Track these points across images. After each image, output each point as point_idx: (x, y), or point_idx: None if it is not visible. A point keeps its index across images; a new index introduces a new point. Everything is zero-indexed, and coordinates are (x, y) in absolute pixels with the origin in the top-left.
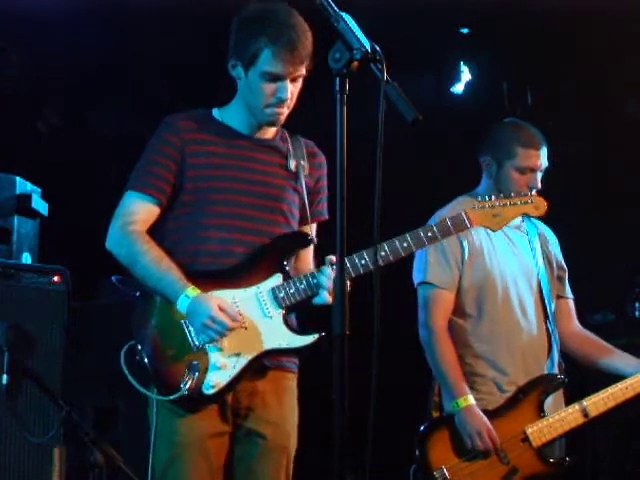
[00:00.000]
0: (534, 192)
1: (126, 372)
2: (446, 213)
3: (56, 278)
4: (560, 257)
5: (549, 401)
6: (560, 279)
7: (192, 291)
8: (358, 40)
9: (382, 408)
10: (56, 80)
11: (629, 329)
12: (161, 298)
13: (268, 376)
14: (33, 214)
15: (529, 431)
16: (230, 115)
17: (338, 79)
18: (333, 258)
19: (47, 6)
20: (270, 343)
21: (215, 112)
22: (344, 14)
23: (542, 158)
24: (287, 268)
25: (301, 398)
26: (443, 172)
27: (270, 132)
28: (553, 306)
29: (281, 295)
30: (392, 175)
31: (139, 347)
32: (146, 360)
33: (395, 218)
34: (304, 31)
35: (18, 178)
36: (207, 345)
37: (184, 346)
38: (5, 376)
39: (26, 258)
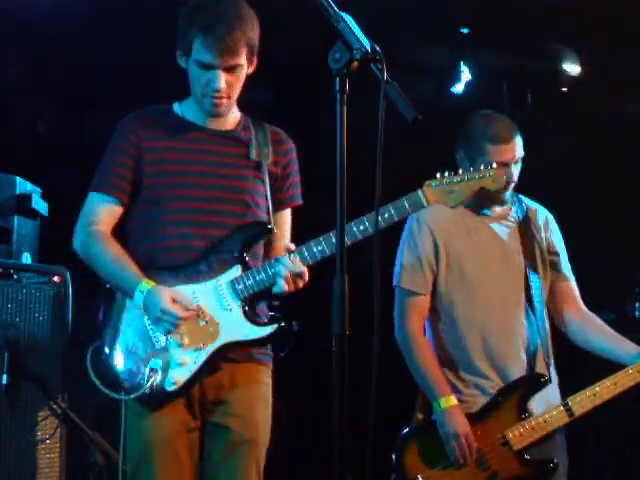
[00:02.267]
0: (512, 185)
1: (90, 373)
2: (422, 212)
3: (56, 278)
4: (554, 240)
5: (535, 401)
6: (555, 264)
7: (146, 285)
8: (358, 40)
9: (382, 408)
10: (56, 80)
11: (629, 329)
12: (123, 297)
13: (236, 370)
14: (33, 214)
15: (509, 435)
16: (188, 108)
17: (338, 79)
18: (291, 246)
19: (47, 6)
20: (229, 336)
21: (175, 106)
22: (344, 14)
23: (514, 151)
24: (247, 259)
25: (301, 398)
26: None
27: (229, 122)
28: (542, 299)
29: (239, 287)
30: (392, 175)
31: (104, 347)
32: (110, 360)
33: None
34: (240, 21)
35: (18, 178)
36: (168, 342)
37: (146, 344)
38: (5, 376)
39: (26, 258)
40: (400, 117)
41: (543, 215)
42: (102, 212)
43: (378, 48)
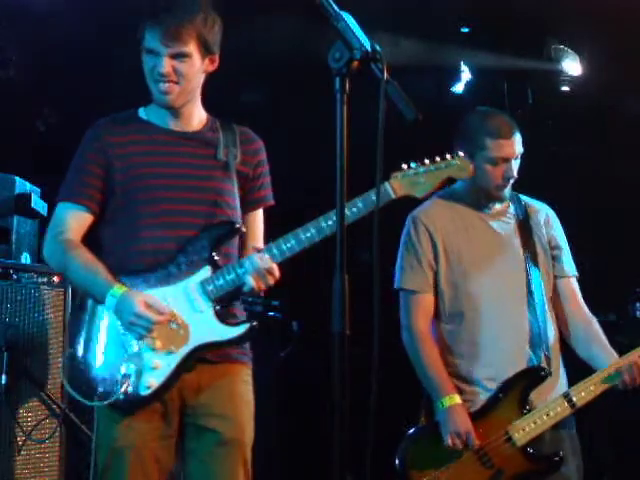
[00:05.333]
0: (511, 181)
1: (64, 380)
2: (419, 212)
3: (56, 278)
4: (555, 235)
5: (536, 394)
6: (556, 258)
7: (117, 290)
8: (358, 40)
9: (382, 408)
10: (56, 80)
11: (630, 329)
12: (95, 303)
13: (213, 371)
14: (32, 214)
15: (512, 431)
16: (153, 112)
17: (338, 79)
18: (257, 245)
19: (47, 6)
20: (201, 338)
21: (141, 111)
22: (344, 13)
23: (514, 146)
24: (216, 259)
25: (301, 398)
26: None
27: (195, 123)
28: (544, 293)
29: (210, 288)
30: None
31: (78, 353)
32: (83, 366)
33: (395, 218)
34: (190, 12)
35: (18, 178)
36: (141, 347)
37: (119, 350)
38: (5, 376)
39: (26, 258)
40: (400, 117)
41: (544, 212)
42: (71, 221)
43: (378, 47)
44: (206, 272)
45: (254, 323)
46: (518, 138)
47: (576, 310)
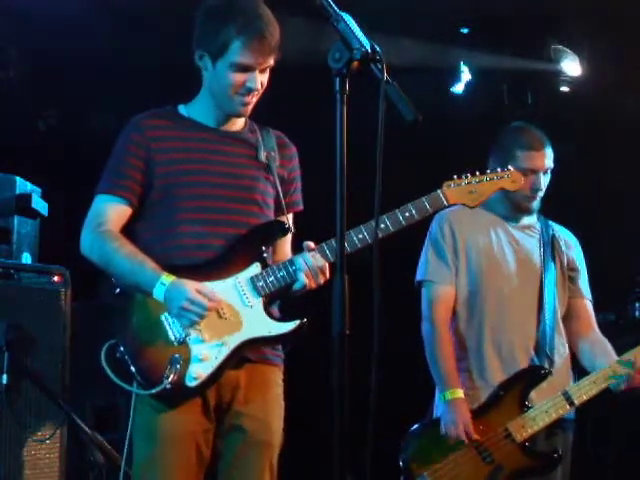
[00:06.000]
0: (540, 194)
1: (107, 369)
2: (447, 212)
3: (56, 278)
4: (575, 258)
5: (536, 393)
6: (573, 280)
7: (167, 278)
8: (358, 40)
9: (382, 408)
10: (56, 80)
11: (630, 329)
12: (140, 295)
13: (252, 370)
14: (33, 214)
15: (511, 427)
16: (196, 109)
17: (338, 79)
18: (310, 244)
19: (47, 6)
20: (251, 332)
21: (181, 108)
22: (344, 14)
23: (544, 159)
24: (265, 256)
25: (301, 397)
26: (443, 172)
27: (238, 124)
28: (555, 303)
29: (260, 284)
30: (391, 175)
31: (120, 346)
32: (127, 357)
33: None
34: (272, 21)
35: (18, 178)
36: (188, 337)
37: (165, 340)
38: (5, 376)
39: (26, 258)
40: (400, 117)
41: (568, 236)
42: (111, 213)
43: (378, 48)
44: (256, 268)
45: (304, 320)
46: (549, 152)
47: (588, 330)
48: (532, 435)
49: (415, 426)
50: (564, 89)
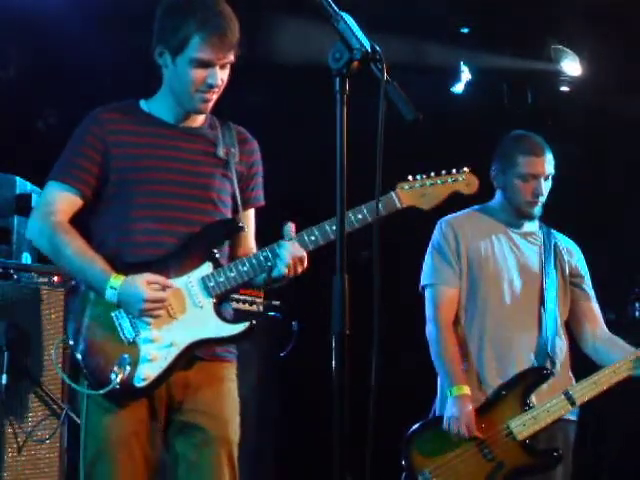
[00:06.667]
0: (541, 199)
1: (57, 367)
2: (450, 218)
3: (56, 278)
4: (578, 265)
5: (539, 393)
6: (577, 285)
7: (116, 280)
8: (358, 40)
9: (382, 408)
10: (56, 80)
11: (629, 329)
12: (89, 290)
13: (203, 368)
14: None
15: (512, 425)
16: (156, 105)
17: (338, 79)
18: (292, 227)
19: (47, 6)
20: (201, 333)
21: (142, 103)
22: (344, 14)
23: (545, 165)
24: (217, 256)
25: (301, 397)
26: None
27: (198, 120)
28: (557, 309)
29: (211, 284)
30: (391, 176)
31: (70, 342)
32: (77, 355)
33: (394, 218)
34: (232, 17)
35: (18, 178)
36: (138, 337)
37: (115, 339)
38: (5, 376)
39: (26, 258)
40: (400, 117)
41: (570, 244)
42: (62, 203)
43: (378, 48)
44: (207, 268)
45: (253, 322)
46: (549, 158)
47: (600, 330)
48: (533, 434)
49: (417, 424)
50: (564, 89)
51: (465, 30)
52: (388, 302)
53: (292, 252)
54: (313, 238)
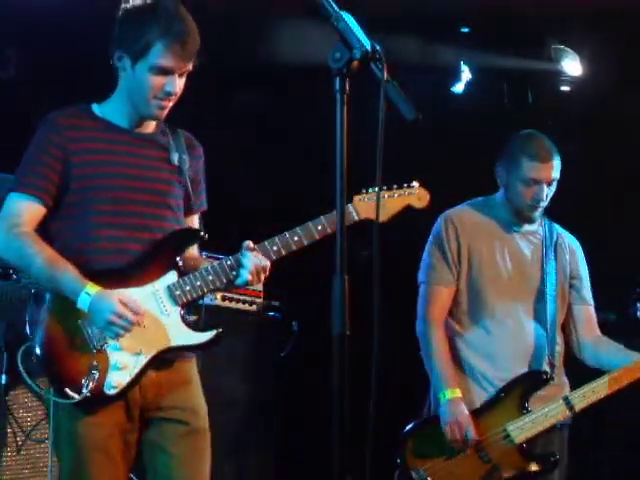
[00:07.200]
0: (542, 204)
1: (24, 375)
2: (452, 213)
3: None
4: (577, 266)
5: (537, 398)
6: (573, 287)
7: (92, 288)
8: (358, 39)
9: (382, 408)
10: (56, 80)
11: (630, 329)
12: (57, 298)
13: (171, 368)
14: None
15: (510, 428)
16: (110, 110)
17: (338, 79)
18: (250, 243)
19: (47, 6)
20: (168, 341)
21: (95, 107)
22: (344, 13)
23: (550, 171)
24: (180, 265)
25: (301, 398)
26: (443, 172)
27: (151, 126)
28: (556, 310)
29: (177, 292)
30: (391, 175)
31: (36, 349)
32: (43, 362)
33: (394, 218)
34: (193, 26)
35: None
36: (106, 345)
37: (82, 347)
38: (4, 376)
39: None
40: (400, 117)
41: (571, 242)
42: (26, 214)
43: (378, 47)
44: (173, 276)
45: (220, 330)
46: (556, 164)
47: (593, 334)
48: (530, 438)
49: (412, 423)
50: (564, 89)
51: (465, 30)
52: (388, 302)
53: (256, 262)
54: (275, 248)
